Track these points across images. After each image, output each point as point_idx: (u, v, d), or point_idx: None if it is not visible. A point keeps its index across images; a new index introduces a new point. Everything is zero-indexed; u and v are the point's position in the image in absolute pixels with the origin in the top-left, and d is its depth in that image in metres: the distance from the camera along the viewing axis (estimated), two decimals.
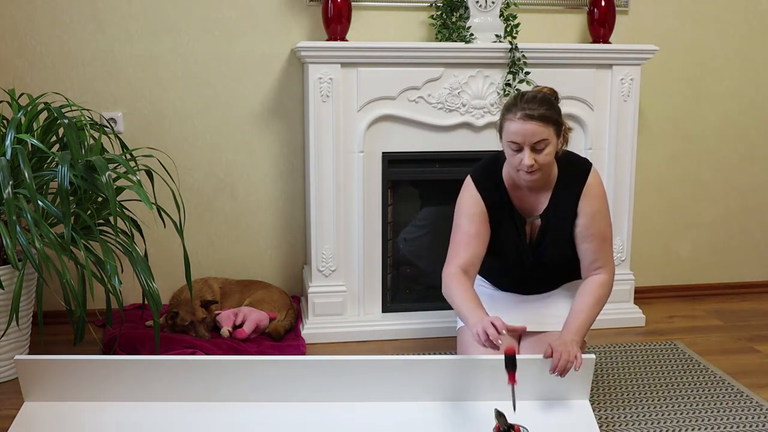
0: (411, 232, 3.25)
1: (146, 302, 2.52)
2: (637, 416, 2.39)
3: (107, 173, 2.37)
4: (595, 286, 2.29)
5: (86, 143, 2.61)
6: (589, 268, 2.32)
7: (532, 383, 2.14)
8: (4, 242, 2.34)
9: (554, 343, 2.14)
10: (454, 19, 3.07)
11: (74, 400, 2.12)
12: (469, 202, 2.32)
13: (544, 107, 2.15)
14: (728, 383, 2.62)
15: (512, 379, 1.91)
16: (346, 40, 2.97)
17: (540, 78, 3.01)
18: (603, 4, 3.13)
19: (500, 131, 2.23)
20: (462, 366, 2.17)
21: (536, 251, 2.36)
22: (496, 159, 2.38)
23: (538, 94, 2.20)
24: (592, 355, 2.14)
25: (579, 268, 2.39)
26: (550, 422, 2.07)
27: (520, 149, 2.16)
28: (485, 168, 2.36)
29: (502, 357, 2.00)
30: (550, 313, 2.41)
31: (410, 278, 3.30)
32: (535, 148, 2.14)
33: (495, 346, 1.97)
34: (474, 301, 2.17)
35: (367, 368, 2.16)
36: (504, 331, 1.98)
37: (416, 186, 3.27)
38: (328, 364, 2.16)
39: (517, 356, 2.19)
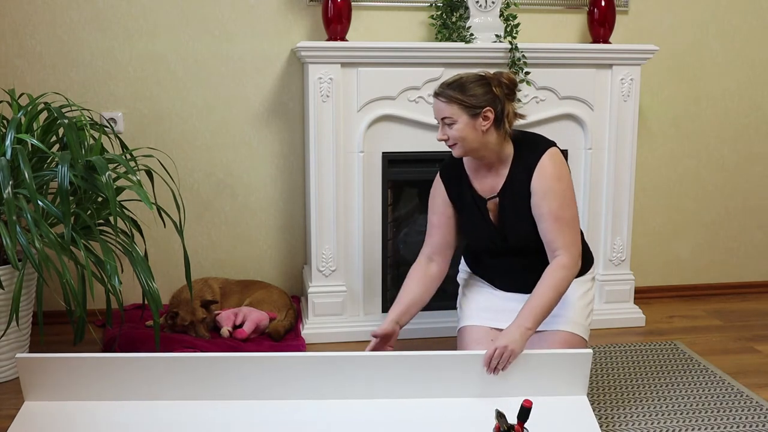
0: (412, 236, 3.25)
1: (146, 302, 2.52)
2: (637, 416, 2.39)
3: (107, 173, 2.37)
4: (552, 270, 2.26)
5: (86, 143, 2.61)
6: (549, 251, 2.31)
7: (528, 379, 2.14)
8: (4, 242, 2.34)
9: (501, 336, 2.18)
10: (454, 19, 3.07)
11: (75, 398, 2.13)
12: (433, 193, 2.50)
13: (451, 89, 2.29)
14: (728, 383, 2.62)
15: (521, 427, 1.91)
16: (346, 40, 2.97)
17: (540, 78, 3.01)
18: (603, 4, 3.13)
19: None
20: (462, 361, 2.17)
21: (502, 233, 2.40)
22: None
23: (458, 80, 2.31)
24: (589, 350, 2.15)
25: None
26: (548, 419, 2.07)
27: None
28: (450, 158, 2.48)
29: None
30: (551, 313, 2.40)
31: None
32: (446, 123, 2.30)
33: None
34: (399, 304, 2.43)
35: (367, 365, 2.17)
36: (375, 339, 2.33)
37: (416, 186, 3.27)
38: (328, 361, 2.17)
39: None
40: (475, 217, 2.42)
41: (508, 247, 2.41)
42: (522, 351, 2.15)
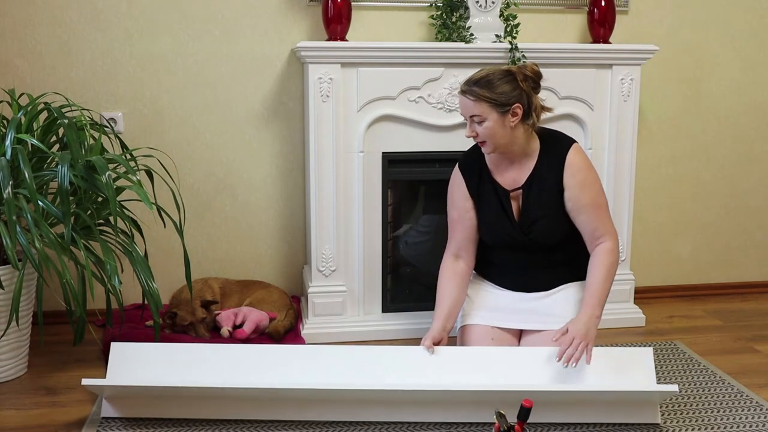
0: (413, 236, 3.25)
1: (146, 302, 2.52)
2: None
3: (107, 173, 2.37)
4: (602, 256, 2.37)
5: (86, 143, 2.61)
6: (591, 239, 2.40)
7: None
8: (4, 242, 2.34)
9: (571, 325, 2.25)
10: (454, 19, 3.07)
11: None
12: (452, 188, 2.52)
13: (478, 87, 2.29)
14: (728, 383, 2.62)
15: (520, 427, 1.91)
16: (346, 40, 2.97)
17: None
18: (603, 4, 3.13)
19: None
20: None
21: (524, 227, 2.42)
22: None
23: (484, 77, 2.31)
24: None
25: (576, 257, 2.45)
26: None
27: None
28: (469, 150, 2.52)
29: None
30: (551, 313, 2.42)
31: (410, 278, 3.30)
32: (474, 121, 2.32)
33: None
34: (441, 309, 2.42)
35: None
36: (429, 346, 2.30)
37: (416, 186, 3.27)
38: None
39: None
40: (495, 210, 2.44)
41: (527, 242, 2.42)
42: (594, 339, 2.24)
